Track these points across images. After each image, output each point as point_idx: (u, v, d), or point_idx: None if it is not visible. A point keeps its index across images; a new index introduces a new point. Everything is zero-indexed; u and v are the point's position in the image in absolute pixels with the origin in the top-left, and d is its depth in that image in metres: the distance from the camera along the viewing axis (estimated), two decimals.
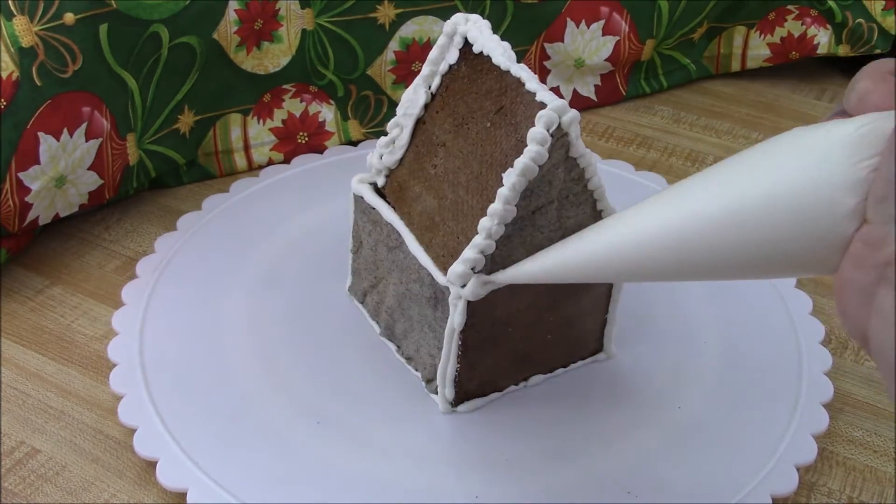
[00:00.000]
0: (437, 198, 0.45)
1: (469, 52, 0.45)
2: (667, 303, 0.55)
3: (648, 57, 0.76)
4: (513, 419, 0.47)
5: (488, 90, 0.44)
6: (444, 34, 0.46)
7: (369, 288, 0.51)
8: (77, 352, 0.52)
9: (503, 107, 0.43)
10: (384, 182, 0.49)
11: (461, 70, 0.45)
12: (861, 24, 0.76)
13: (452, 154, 0.45)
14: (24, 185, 0.53)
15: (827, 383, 0.49)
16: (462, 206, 0.44)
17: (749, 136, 0.73)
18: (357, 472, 0.44)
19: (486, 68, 0.44)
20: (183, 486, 0.43)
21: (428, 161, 0.46)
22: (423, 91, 0.47)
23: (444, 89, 0.46)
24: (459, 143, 0.44)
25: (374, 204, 0.49)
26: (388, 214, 0.48)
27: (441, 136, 0.46)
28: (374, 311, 0.52)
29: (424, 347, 0.48)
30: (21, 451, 0.46)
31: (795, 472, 0.45)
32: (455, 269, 0.42)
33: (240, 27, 0.62)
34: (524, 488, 0.44)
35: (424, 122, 0.47)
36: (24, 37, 0.52)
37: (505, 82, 0.43)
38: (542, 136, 0.39)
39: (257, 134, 0.67)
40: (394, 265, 0.48)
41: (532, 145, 0.40)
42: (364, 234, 0.50)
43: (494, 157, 0.42)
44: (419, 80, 0.47)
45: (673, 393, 0.49)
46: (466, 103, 0.45)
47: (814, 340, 0.52)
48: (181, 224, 0.58)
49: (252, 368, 0.49)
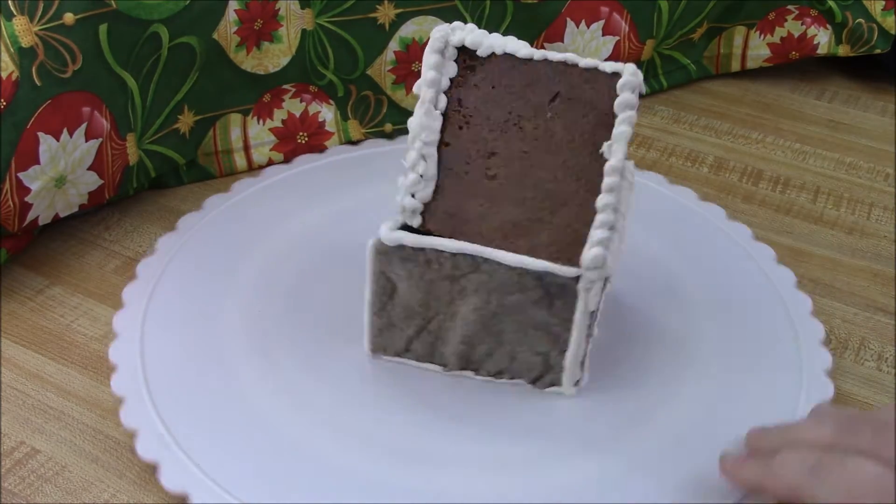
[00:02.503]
0: (516, 203, 0.44)
1: (470, 59, 0.44)
2: (667, 302, 0.55)
3: (648, 57, 0.76)
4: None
5: (527, 84, 0.43)
6: (433, 51, 0.44)
7: (415, 334, 0.48)
8: (77, 352, 0.52)
9: (559, 93, 0.43)
10: (421, 220, 0.46)
11: (471, 79, 0.44)
12: (861, 24, 0.76)
13: (512, 157, 0.44)
14: (24, 185, 0.53)
15: (827, 383, 0.49)
16: (558, 196, 0.43)
17: (749, 135, 0.73)
18: (362, 473, 0.44)
19: (507, 66, 0.43)
20: (185, 489, 0.42)
21: (479, 176, 0.45)
22: (437, 115, 0.45)
23: (458, 104, 0.44)
24: (515, 144, 0.44)
25: (427, 242, 0.45)
26: (452, 244, 0.44)
27: (484, 147, 0.44)
28: (426, 354, 0.49)
29: (527, 351, 0.47)
30: (21, 451, 0.46)
31: None
32: (591, 253, 0.42)
33: (240, 27, 0.62)
34: (526, 485, 0.44)
35: (448, 144, 0.45)
36: (23, 37, 0.52)
37: (546, 70, 0.43)
38: (634, 100, 0.42)
39: (257, 134, 0.67)
40: (465, 293, 0.46)
41: (626, 111, 0.42)
42: (402, 282, 0.47)
43: (576, 139, 0.43)
44: (426, 105, 0.44)
45: (672, 392, 0.49)
46: (501, 106, 0.44)
47: (814, 340, 0.52)
48: (181, 224, 0.58)
49: (253, 370, 0.49)
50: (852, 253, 0.61)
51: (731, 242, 0.59)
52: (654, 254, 0.58)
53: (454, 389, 0.49)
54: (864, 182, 0.69)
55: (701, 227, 0.60)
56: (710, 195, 0.65)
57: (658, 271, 0.57)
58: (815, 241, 0.62)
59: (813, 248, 0.62)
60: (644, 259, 0.56)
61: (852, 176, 0.69)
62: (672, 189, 0.64)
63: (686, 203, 0.62)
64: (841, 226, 0.64)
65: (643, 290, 0.54)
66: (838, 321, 0.56)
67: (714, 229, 0.60)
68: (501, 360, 0.48)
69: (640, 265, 0.55)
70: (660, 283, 0.56)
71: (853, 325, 0.55)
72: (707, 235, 0.60)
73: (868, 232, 0.63)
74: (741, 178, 0.68)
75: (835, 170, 0.70)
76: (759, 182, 0.68)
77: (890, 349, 0.54)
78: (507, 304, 0.46)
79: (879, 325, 0.56)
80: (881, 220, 0.65)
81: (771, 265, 0.57)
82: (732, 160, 0.70)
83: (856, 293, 0.58)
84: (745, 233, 0.60)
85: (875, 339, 0.55)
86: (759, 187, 0.67)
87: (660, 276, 0.56)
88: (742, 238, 0.59)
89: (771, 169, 0.70)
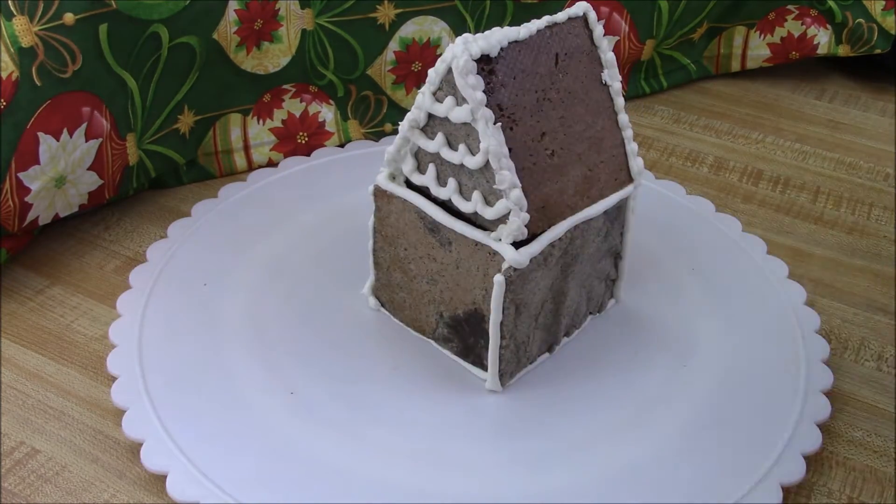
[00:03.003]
0: (575, 164, 0.47)
1: (486, 64, 0.43)
2: (665, 303, 0.55)
3: (648, 57, 0.76)
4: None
5: (534, 59, 0.45)
6: (468, 73, 0.43)
7: (531, 339, 0.49)
8: (77, 352, 0.52)
9: (557, 53, 0.46)
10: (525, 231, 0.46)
11: (495, 81, 0.44)
12: (861, 24, 0.76)
13: (555, 128, 0.46)
14: (24, 186, 0.53)
15: (826, 371, 0.50)
16: (596, 136, 0.48)
17: (749, 135, 0.73)
18: (366, 475, 0.44)
19: (515, 53, 0.44)
20: (194, 499, 0.42)
21: (542, 161, 0.46)
22: (498, 129, 0.44)
23: (499, 109, 0.44)
24: (552, 115, 0.46)
25: (545, 240, 0.46)
26: (559, 230, 0.46)
27: (535, 133, 0.45)
28: (540, 350, 0.50)
29: (596, 282, 0.52)
30: (21, 451, 0.46)
31: (803, 461, 0.45)
32: (637, 163, 0.50)
33: (240, 27, 0.62)
34: (525, 482, 0.44)
35: (511, 150, 0.44)
36: (23, 37, 0.52)
37: (539, 39, 0.45)
38: (602, 29, 0.48)
39: (257, 134, 0.67)
40: (570, 268, 0.49)
41: (604, 41, 0.48)
42: (529, 295, 0.47)
43: (584, 82, 0.48)
44: (491, 127, 0.43)
45: (676, 388, 0.49)
46: (527, 90, 0.45)
47: (810, 329, 0.52)
48: (171, 231, 0.58)
49: (253, 372, 0.49)
50: (852, 253, 0.61)
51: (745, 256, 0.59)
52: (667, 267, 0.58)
53: (459, 391, 0.49)
54: (864, 182, 0.69)
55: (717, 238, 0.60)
56: (717, 199, 0.65)
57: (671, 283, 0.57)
58: (815, 241, 0.62)
59: (813, 248, 0.62)
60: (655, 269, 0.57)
61: (852, 176, 0.69)
62: (690, 199, 0.63)
63: (702, 212, 0.62)
64: (841, 226, 0.64)
65: (641, 289, 0.55)
66: (838, 321, 0.56)
67: (729, 242, 0.60)
68: (583, 305, 0.52)
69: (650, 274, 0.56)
70: (658, 283, 0.56)
71: (853, 325, 0.55)
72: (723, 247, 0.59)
73: (868, 232, 0.63)
74: (741, 178, 0.68)
75: (835, 170, 0.70)
76: (759, 182, 0.68)
77: (890, 349, 0.54)
78: (591, 251, 0.50)
79: (879, 325, 0.56)
80: (881, 220, 0.65)
81: (782, 281, 0.56)
82: (732, 160, 0.70)
83: (856, 293, 0.58)
84: (760, 246, 0.59)
85: (875, 339, 0.55)
86: (759, 187, 0.67)
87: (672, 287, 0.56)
88: (757, 251, 0.59)
89: (771, 169, 0.70)
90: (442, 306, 0.50)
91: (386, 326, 0.53)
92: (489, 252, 0.46)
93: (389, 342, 0.52)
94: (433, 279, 0.50)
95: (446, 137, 0.46)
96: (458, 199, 0.46)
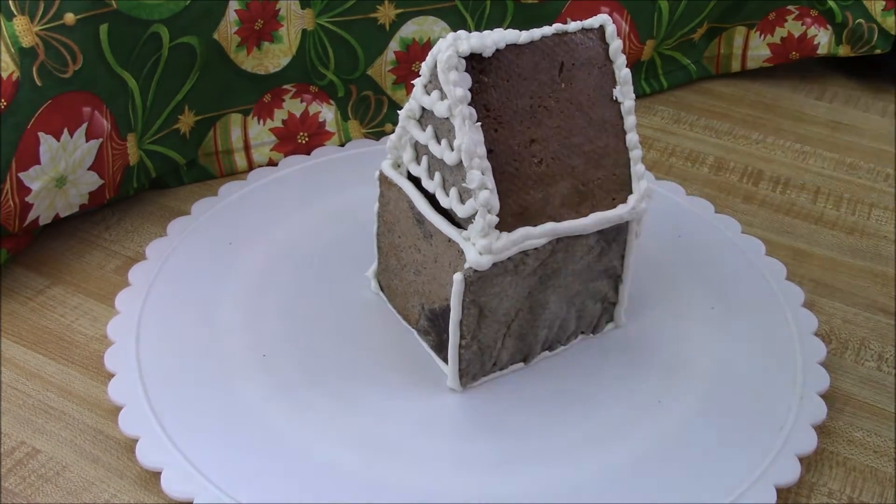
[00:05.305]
0: (566, 176, 0.46)
1: (478, 63, 0.43)
2: (665, 302, 0.55)
3: (649, 57, 0.76)
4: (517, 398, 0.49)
5: (534, 65, 0.45)
6: (451, 69, 0.43)
7: (502, 344, 0.49)
8: (77, 352, 0.52)
9: (563, 62, 0.45)
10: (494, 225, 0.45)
11: (486, 81, 0.44)
12: (861, 24, 0.76)
13: (548, 137, 0.45)
14: (25, 186, 0.53)
15: (823, 373, 0.50)
16: (597, 152, 0.47)
17: (749, 136, 0.74)
18: (364, 474, 0.44)
19: (512, 57, 0.44)
20: (188, 495, 0.42)
21: (527, 167, 0.45)
22: (478, 128, 0.43)
23: (485, 110, 0.44)
24: (546, 124, 0.45)
25: (515, 248, 0.45)
26: (540, 235, 0.45)
27: (523, 139, 0.45)
28: (510, 358, 0.50)
29: (590, 302, 0.51)
30: (21, 451, 0.46)
31: (798, 463, 0.45)
32: (641, 186, 0.48)
33: (240, 27, 0.62)
34: (526, 481, 0.44)
35: (491, 151, 0.44)
36: (24, 37, 0.52)
37: (544, 46, 0.45)
38: (620, 44, 0.47)
39: (257, 134, 0.67)
40: (549, 280, 0.48)
41: (620, 56, 0.47)
42: (493, 299, 0.47)
43: (591, 96, 0.47)
44: (468, 124, 0.43)
45: (673, 387, 0.49)
46: (521, 95, 0.44)
47: (807, 331, 0.52)
48: (171, 229, 0.58)
49: (251, 372, 0.49)
50: (852, 253, 0.61)
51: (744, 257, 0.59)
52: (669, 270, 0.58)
53: (453, 391, 0.49)
54: (864, 182, 0.69)
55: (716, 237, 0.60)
56: (718, 199, 0.65)
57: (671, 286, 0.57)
58: (815, 241, 0.62)
59: (813, 248, 0.62)
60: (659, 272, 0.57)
61: (852, 176, 0.69)
62: (690, 201, 0.63)
63: (701, 215, 0.62)
64: (841, 226, 0.64)
65: (641, 289, 0.55)
66: (838, 321, 0.56)
67: (727, 241, 0.60)
68: (571, 323, 0.51)
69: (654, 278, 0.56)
70: (658, 283, 0.56)
71: (853, 325, 0.56)
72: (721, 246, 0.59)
73: (868, 232, 0.63)
74: (741, 178, 0.68)
75: (835, 170, 0.70)
76: (760, 182, 0.68)
77: (890, 349, 0.54)
78: (579, 268, 0.49)
79: (879, 325, 0.56)
80: (881, 221, 0.65)
81: (780, 282, 0.56)
82: (732, 160, 0.70)
83: (856, 293, 0.58)
84: (759, 247, 0.59)
85: (875, 339, 0.55)
86: (760, 187, 0.67)
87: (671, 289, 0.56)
88: (755, 252, 0.59)
89: (771, 169, 0.70)
90: (423, 298, 0.50)
91: (379, 316, 0.53)
92: (458, 250, 0.45)
93: (381, 334, 0.52)
94: (418, 270, 0.50)
95: (434, 130, 0.46)
96: (441, 193, 0.46)
